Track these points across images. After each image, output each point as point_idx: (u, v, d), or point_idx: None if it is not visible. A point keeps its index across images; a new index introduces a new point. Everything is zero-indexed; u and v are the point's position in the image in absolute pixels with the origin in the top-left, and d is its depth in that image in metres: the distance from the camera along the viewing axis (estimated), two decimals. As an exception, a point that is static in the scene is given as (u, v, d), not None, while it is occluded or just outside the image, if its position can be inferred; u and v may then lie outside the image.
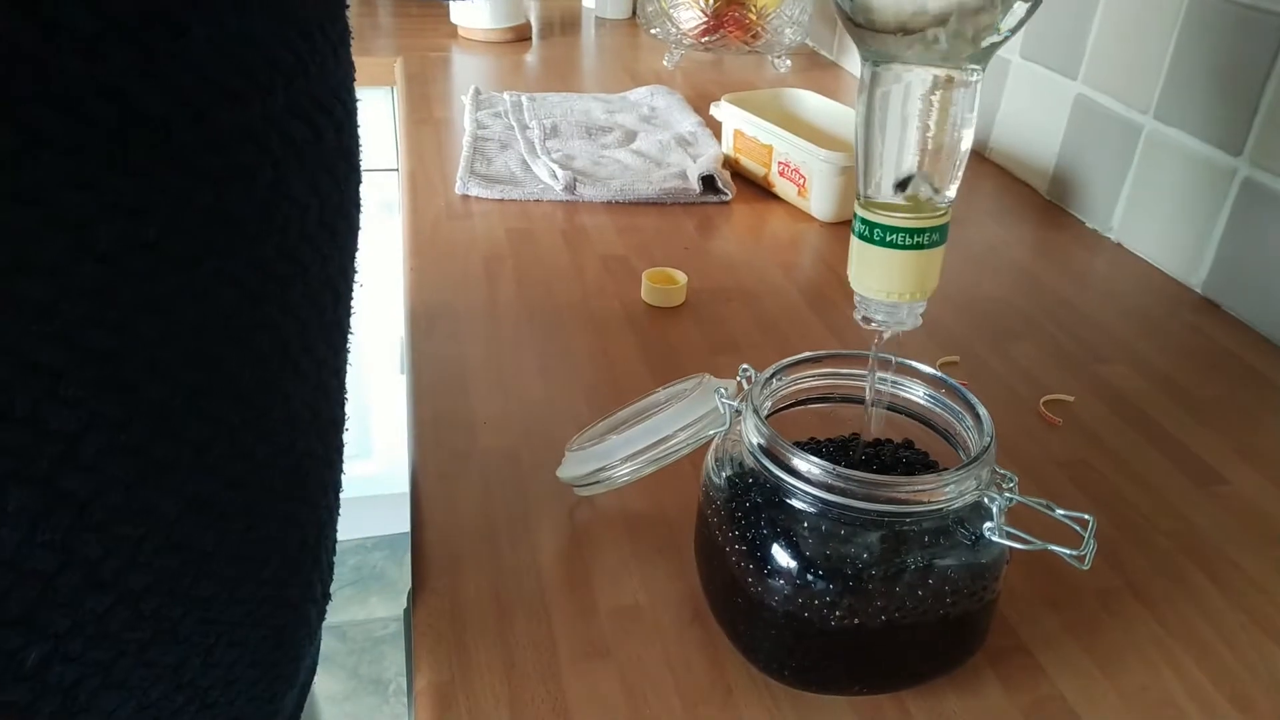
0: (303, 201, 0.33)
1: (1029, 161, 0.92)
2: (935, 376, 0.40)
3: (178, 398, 0.29)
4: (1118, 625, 0.43)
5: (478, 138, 0.92)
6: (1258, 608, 0.44)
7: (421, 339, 0.61)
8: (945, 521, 0.36)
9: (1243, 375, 0.63)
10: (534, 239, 0.75)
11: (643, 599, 0.43)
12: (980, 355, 0.64)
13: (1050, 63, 0.88)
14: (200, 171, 0.28)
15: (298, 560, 0.37)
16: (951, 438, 0.40)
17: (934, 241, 0.35)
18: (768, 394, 0.40)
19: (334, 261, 0.36)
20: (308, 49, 0.32)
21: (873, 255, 0.36)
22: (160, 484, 0.30)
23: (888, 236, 0.35)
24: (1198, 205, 0.73)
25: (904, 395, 0.41)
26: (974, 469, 0.35)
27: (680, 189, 0.83)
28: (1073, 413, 0.58)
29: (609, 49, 1.37)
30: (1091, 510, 0.50)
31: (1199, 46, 0.72)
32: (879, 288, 0.36)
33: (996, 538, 0.35)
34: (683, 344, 0.62)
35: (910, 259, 0.35)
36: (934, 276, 0.36)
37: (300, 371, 0.35)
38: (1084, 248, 0.81)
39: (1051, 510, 0.36)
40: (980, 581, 0.36)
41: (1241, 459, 0.55)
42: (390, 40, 1.31)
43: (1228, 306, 0.71)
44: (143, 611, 0.31)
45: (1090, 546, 0.35)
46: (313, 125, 0.33)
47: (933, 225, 0.35)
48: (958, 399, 0.39)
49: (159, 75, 0.26)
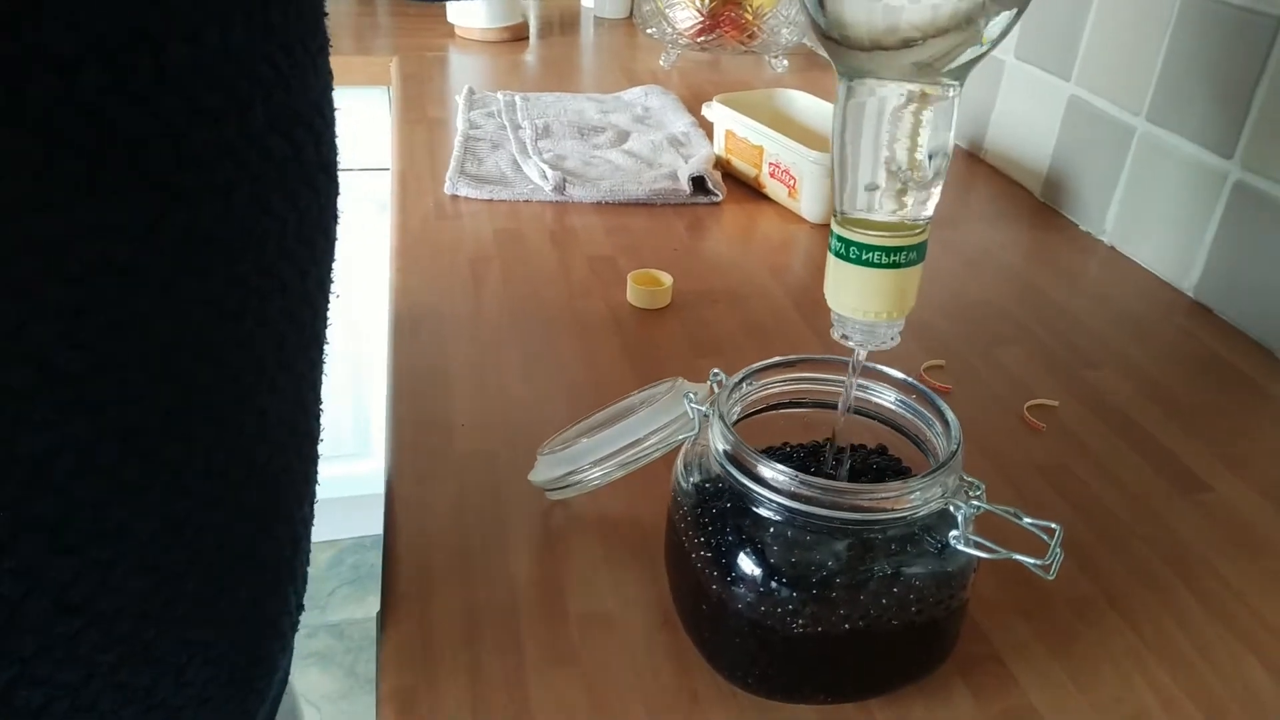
0: (282, 217, 0.32)
1: (1023, 163, 0.92)
2: (905, 381, 0.40)
3: (151, 418, 0.29)
4: (1092, 635, 0.42)
5: (469, 137, 0.92)
6: (1236, 619, 0.44)
7: (404, 340, 0.61)
8: (911, 529, 0.35)
9: (1232, 381, 0.63)
10: (521, 240, 0.75)
11: (613, 605, 0.42)
12: (967, 359, 0.63)
13: (1044, 63, 0.88)
14: (176, 191, 0.28)
15: (273, 576, 0.37)
16: (922, 444, 0.39)
17: (911, 260, 0.35)
18: (737, 399, 0.40)
19: (312, 276, 0.36)
20: (288, 63, 0.32)
21: (849, 273, 0.35)
22: (132, 505, 0.29)
23: (864, 255, 0.34)
24: (1190, 208, 0.72)
25: (875, 400, 0.41)
26: (939, 477, 0.35)
27: (670, 190, 0.83)
28: (1057, 418, 0.58)
29: (606, 48, 1.37)
30: (1070, 517, 0.49)
31: (1191, 48, 0.71)
32: (855, 306, 0.35)
33: (962, 546, 0.35)
34: (667, 346, 0.62)
35: (887, 278, 0.35)
36: (912, 295, 0.36)
37: (277, 388, 0.34)
38: (1077, 251, 0.80)
39: (1019, 519, 0.36)
40: (947, 590, 0.36)
41: (1227, 466, 0.54)
42: (388, 39, 1.31)
43: (1219, 311, 0.70)
44: (113, 633, 0.31)
45: (1056, 556, 0.34)
46: (292, 140, 0.32)
47: (910, 244, 0.34)
48: (927, 404, 0.39)
49: (136, 95, 0.26)
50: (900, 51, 0.31)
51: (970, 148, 1.00)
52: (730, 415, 0.39)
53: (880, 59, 0.31)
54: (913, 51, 0.31)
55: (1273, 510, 0.51)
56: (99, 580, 0.29)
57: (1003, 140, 0.95)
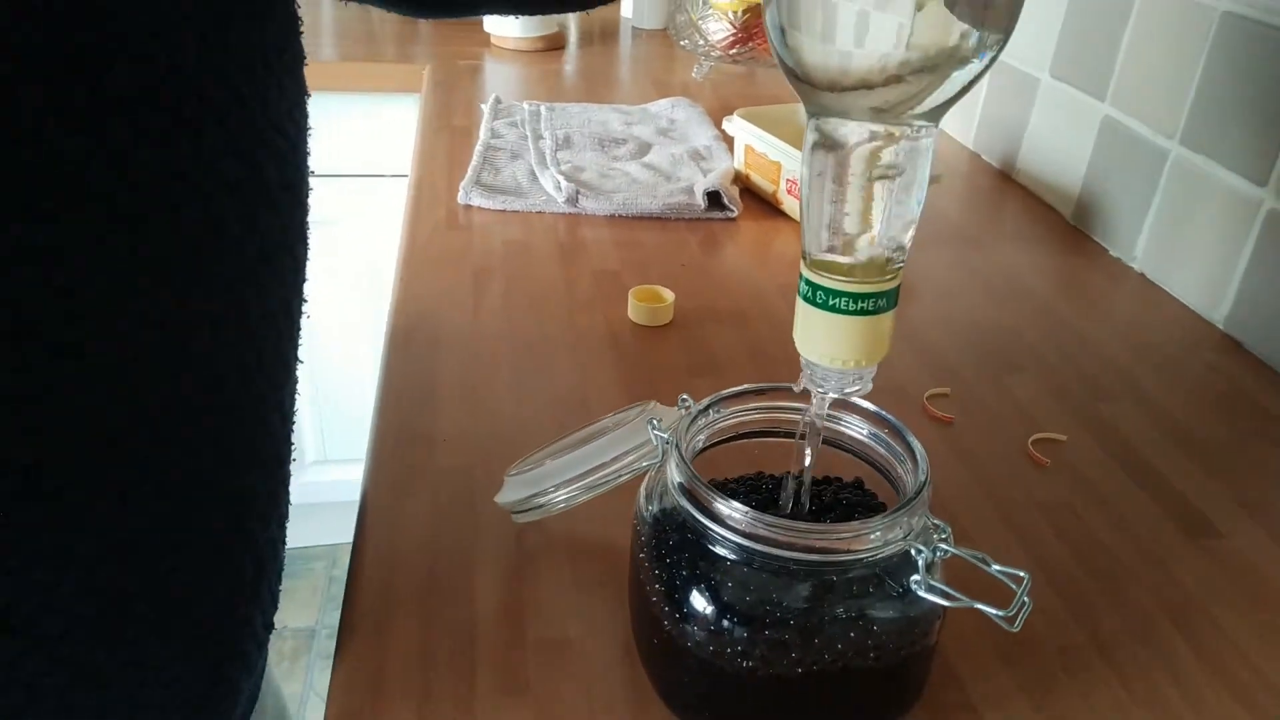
0: (238, 239, 0.32)
1: (1055, 184, 0.89)
2: (876, 414, 0.38)
3: (95, 441, 0.29)
4: (1076, 686, 0.40)
5: (490, 147, 0.92)
6: (1234, 675, 0.41)
7: (398, 351, 0.60)
8: (871, 571, 0.34)
9: (1257, 419, 0.60)
10: (529, 252, 0.75)
11: (574, 632, 0.41)
12: (975, 388, 0.61)
13: (1078, 82, 0.85)
14: (119, 214, 0.27)
15: (235, 599, 0.36)
16: (893, 480, 0.38)
17: (881, 307, 0.33)
18: (703, 426, 0.39)
19: (275, 297, 0.35)
20: (247, 83, 0.31)
21: (817, 319, 0.33)
22: (77, 528, 0.29)
23: (831, 300, 0.33)
24: (1222, 237, 0.69)
25: (848, 432, 0.39)
26: (901, 517, 0.33)
27: (685, 204, 0.82)
28: (1064, 453, 0.55)
29: (641, 59, 1.36)
30: (1068, 560, 0.47)
31: (1228, 69, 0.68)
32: (823, 353, 0.34)
33: (922, 592, 0.33)
34: (663, 365, 0.61)
35: (856, 325, 0.33)
36: (883, 343, 0.34)
37: (237, 410, 0.34)
38: (1105, 277, 0.77)
39: (987, 565, 0.34)
40: (909, 636, 0.34)
41: (1242, 510, 0.51)
42: (425, 48, 1.32)
43: (1249, 345, 0.67)
44: (58, 656, 0.30)
45: (1023, 607, 0.32)
46: (249, 161, 0.32)
47: (880, 290, 0.33)
48: (897, 438, 0.37)
49: (77, 117, 0.25)
50: (860, 94, 0.30)
51: (1002, 167, 0.98)
52: (694, 445, 0.38)
53: (844, 100, 0.30)
54: (872, 95, 0.29)
55: (1288, 560, 0.48)
56: (41, 603, 0.29)
57: (1035, 160, 0.92)
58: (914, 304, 0.71)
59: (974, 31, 0.28)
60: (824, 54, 0.29)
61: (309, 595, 1.59)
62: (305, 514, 1.47)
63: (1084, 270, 0.78)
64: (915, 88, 0.29)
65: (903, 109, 0.30)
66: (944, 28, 0.28)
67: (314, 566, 1.64)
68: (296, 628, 1.53)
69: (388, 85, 1.24)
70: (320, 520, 1.51)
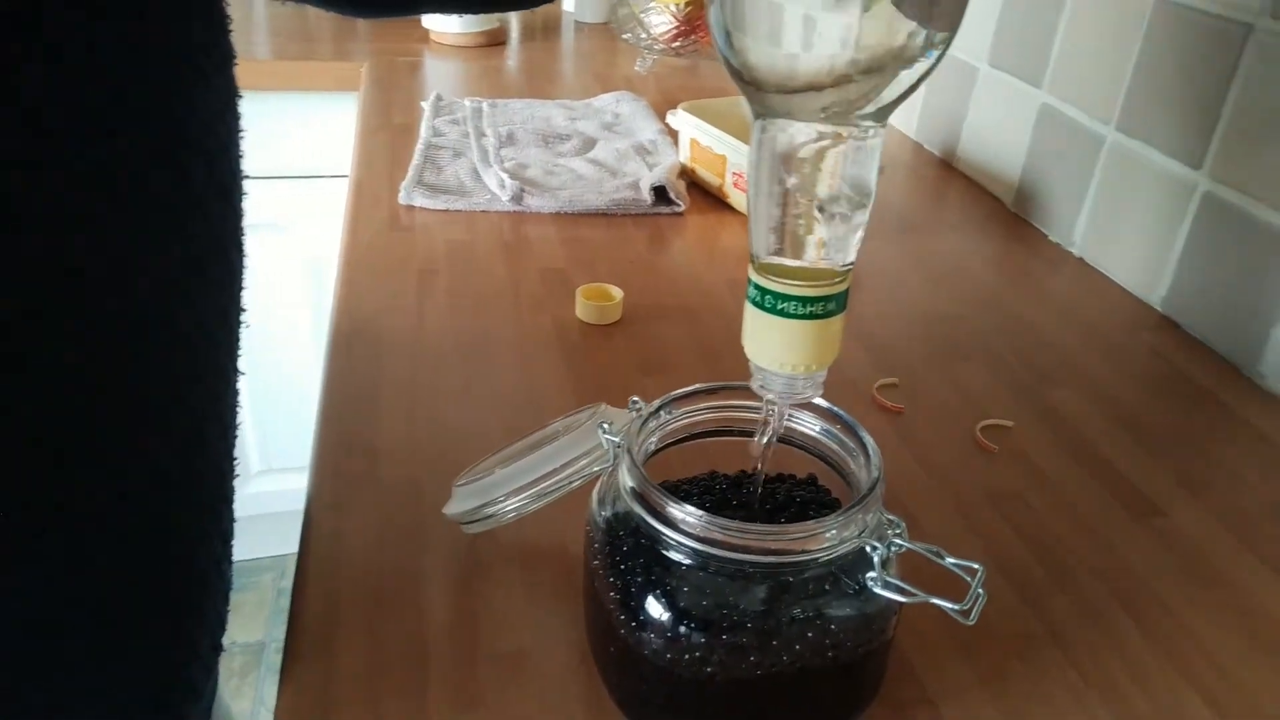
0: (164, 247, 0.31)
1: (995, 172, 0.90)
2: (829, 411, 0.38)
3: (13, 462, 0.27)
4: (1030, 674, 0.41)
5: (431, 145, 0.90)
6: (1182, 654, 0.42)
7: (340, 357, 0.59)
8: (827, 570, 0.33)
9: (1196, 399, 0.61)
10: (473, 252, 0.73)
11: (529, 644, 0.40)
12: (923, 377, 0.61)
13: (1016, 70, 0.86)
14: (28, 224, 0.26)
15: (175, 621, 0.35)
16: (845, 475, 0.38)
17: (830, 311, 0.32)
18: (655, 429, 0.38)
19: (210, 306, 0.34)
20: (170, 81, 0.30)
21: (765, 323, 0.33)
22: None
23: (779, 304, 0.32)
24: (1159, 220, 0.70)
25: (799, 429, 0.39)
26: (855, 515, 0.33)
27: (631, 200, 0.81)
28: (1012, 439, 0.56)
29: (584, 54, 1.35)
30: (1018, 547, 0.47)
31: (1162, 55, 0.69)
32: (773, 358, 0.33)
33: (879, 589, 0.33)
34: (613, 365, 0.60)
35: (805, 329, 0.32)
36: (833, 347, 0.34)
37: (166, 425, 0.32)
38: (1045, 263, 0.78)
39: (941, 558, 0.34)
40: (866, 633, 0.34)
41: (1185, 490, 0.52)
42: (363, 45, 1.29)
43: (1187, 325, 0.68)
44: None
45: (977, 599, 0.32)
46: (174, 164, 0.30)
47: (829, 294, 0.32)
48: (850, 434, 0.37)
49: None
50: (807, 95, 0.29)
51: (944, 155, 0.99)
52: (646, 447, 0.37)
53: (791, 101, 0.30)
54: (820, 96, 0.29)
55: (1229, 537, 0.49)
56: None
57: (975, 148, 0.93)
58: (861, 295, 0.71)
59: (921, 30, 0.28)
60: (771, 57, 0.29)
61: (256, 609, 1.55)
62: (251, 525, 1.44)
63: (1026, 256, 0.79)
64: (863, 88, 0.29)
65: (850, 109, 0.29)
66: (891, 28, 0.28)
67: (262, 579, 1.60)
68: (245, 643, 1.49)
69: (325, 84, 1.21)
70: (267, 531, 1.48)
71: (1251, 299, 0.62)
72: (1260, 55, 0.61)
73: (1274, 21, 0.60)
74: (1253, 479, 0.54)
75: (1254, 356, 0.62)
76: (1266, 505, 0.52)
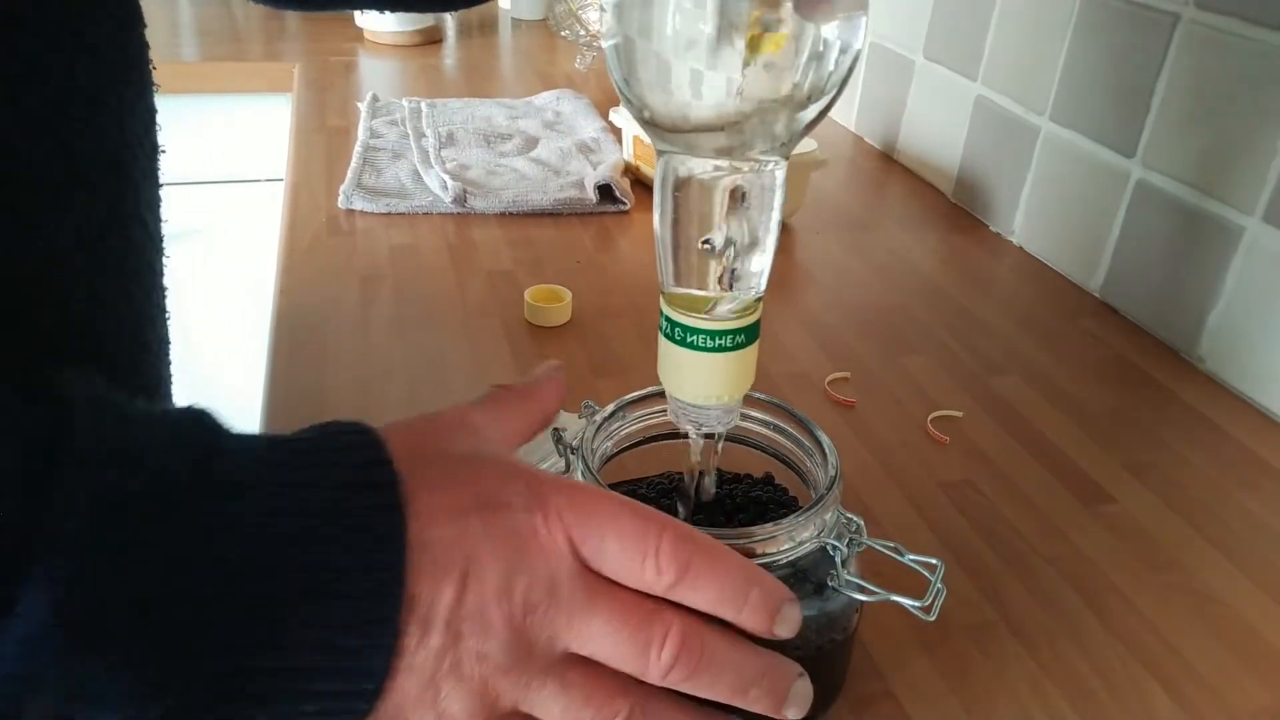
0: (44, 223, 0.29)
1: (935, 164, 0.91)
2: (785, 409, 0.38)
3: None
4: (990, 664, 0.41)
5: (369, 147, 0.89)
6: (1137, 638, 0.43)
7: (282, 367, 0.57)
8: (788, 570, 0.33)
9: (1137, 383, 0.62)
10: (418, 256, 0.72)
11: (488, 655, 0.40)
12: (873, 370, 0.62)
13: (951, 63, 0.87)
14: None
15: None
16: (802, 474, 0.37)
17: (740, 344, 0.32)
18: (609, 434, 0.37)
19: (108, 283, 0.32)
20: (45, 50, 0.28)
21: (676, 355, 0.33)
22: None
23: (689, 337, 0.32)
24: (1094, 208, 0.72)
25: (753, 429, 0.38)
26: (814, 516, 0.33)
27: (576, 199, 0.81)
28: (961, 429, 0.56)
29: (523, 51, 1.34)
30: (972, 538, 0.48)
31: (1092, 46, 0.71)
32: (686, 390, 0.33)
33: (840, 588, 0.33)
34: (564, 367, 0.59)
35: (716, 362, 0.32)
36: (745, 378, 0.34)
37: None
38: (987, 252, 0.79)
39: (901, 555, 0.34)
40: (826, 633, 0.34)
41: (1132, 475, 0.53)
42: (294, 44, 1.26)
43: (1125, 311, 0.70)
44: None
45: (937, 594, 0.33)
46: (54, 137, 0.29)
47: (738, 327, 0.32)
48: (806, 434, 0.37)
49: None
50: (704, 135, 0.29)
51: (884, 148, 1.00)
52: (600, 452, 0.37)
53: (689, 139, 0.30)
54: (714, 137, 0.29)
55: (1176, 521, 0.50)
56: None
57: (915, 141, 0.94)
58: (810, 289, 0.72)
59: (806, 79, 0.28)
60: (664, 103, 0.29)
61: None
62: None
63: (967, 247, 0.80)
64: (756, 131, 0.29)
65: (746, 147, 0.30)
66: (774, 81, 0.28)
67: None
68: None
69: (256, 85, 1.18)
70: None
71: (1187, 283, 0.64)
72: (1188, 44, 0.62)
73: (1200, 11, 0.61)
74: (1196, 461, 0.55)
75: (1192, 340, 0.64)
76: (1210, 486, 0.53)
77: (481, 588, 0.27)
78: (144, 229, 0.34)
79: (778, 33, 0.28)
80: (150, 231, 0.35)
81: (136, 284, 0.34)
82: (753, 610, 0.29)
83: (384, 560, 0.26)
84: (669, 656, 0.28)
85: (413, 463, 0.28)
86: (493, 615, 0.27)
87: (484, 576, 0.27)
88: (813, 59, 0.28)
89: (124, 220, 0.33)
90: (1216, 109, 0.61)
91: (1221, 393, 0.61)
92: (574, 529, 0.28)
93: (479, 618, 0.27)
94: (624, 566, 0.28)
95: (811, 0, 0.28)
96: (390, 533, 0.26)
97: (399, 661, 0.26)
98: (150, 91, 0.35)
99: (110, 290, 0.32)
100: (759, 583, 0.30)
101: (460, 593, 0.27)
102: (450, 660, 0.26)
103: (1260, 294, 0.59)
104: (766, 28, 0.27)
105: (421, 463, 0.28)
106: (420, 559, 0.26)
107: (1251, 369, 0.60)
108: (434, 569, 0.26)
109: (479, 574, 0.27)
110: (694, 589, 0.29)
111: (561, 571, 0.28)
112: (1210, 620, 0.44)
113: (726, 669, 0.29)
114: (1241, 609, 0.44)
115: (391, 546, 0.26)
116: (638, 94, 0.30)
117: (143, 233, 0.34)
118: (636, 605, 0.29)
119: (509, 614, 0.27)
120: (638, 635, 0.28)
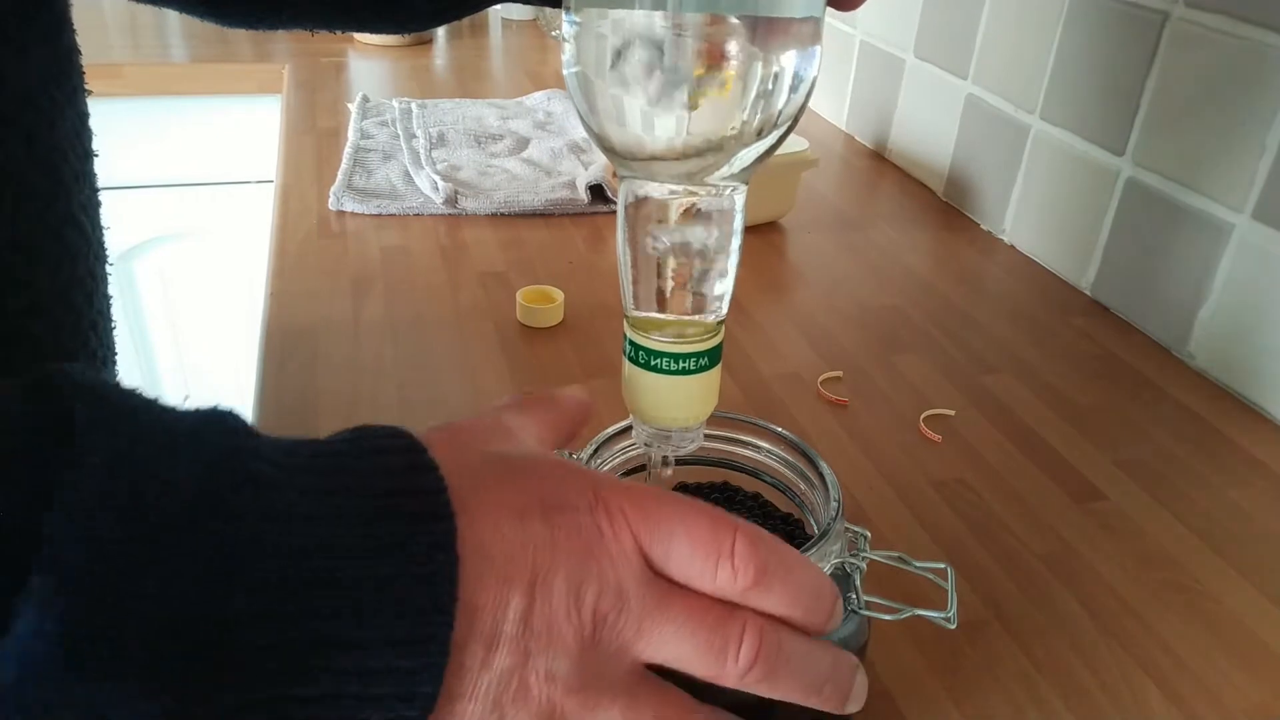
0: None
1: (926, 162, 0.91)
2: (778, 434, 0.38)
3: None
4: (982, 662, 0.41)
5: (360, 149, 0.88)
6: (1131, 636, 0.43)
7: (273, 370, 0.57)
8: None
9: (1127, 381, 0.62)
10: (409, 257, 0.72)
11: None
12: (865, 369, 0.62)
13: (942, 62, 0.87)
14: None
15: None
16: (796, 496, 0.37)
17: (702, 366, 0.33)
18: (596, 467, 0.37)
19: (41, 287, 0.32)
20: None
21: (639, 379, 0.33)
22: None
23: (652, 360, 0.32)
24: (1085, 206, 0.72)
25: (741, 452, 0.38)
26: (823, 545, 0.32)
27: (568, 199, 0.80)
28: (954, 428, 0.56)
29: (513, 51, 1.33)
30: (966, 536, 0.48)
31: (1081, 44, 0.71)
32: (648, 413, 0.34)
33: (862, 610, 0.33)
34: (556, 369, 0.59)
35: (678, 385, 0.33)
36: (708, 400, 0.34)
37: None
38: (978, 251, 0.80)
39: (908, 564, 0.34)
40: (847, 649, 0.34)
41: (1122, 472, 0.54)
42: (284, 45, 1.26)
43: (1116, 309, 0.70)
44: None
45: (955, 602, 0.33)
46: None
47: (700, 350, 0.32)
48: (804, 461, 0.37)
49: None
50: (661, 163, 0.30)
51: (875, 147, 1.00)
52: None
53: (648, 166, 0.30)
54: (669, 165, 0.30)
55: (1166, 516, 0.50)
56: None
57: (906, 139, 0.94)
58: (801, 288, 0.72)
59: (755, 116, 0.29)
60: (621, 134, 0.30)
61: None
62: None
63: (958, 245, 0.80)
64: (709, 161, 0.30)
65: (703, 175, 0.30)
66: (722, 119, 0.29)
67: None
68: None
69: (246, 87, 1.18)
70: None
71: (1178, 281, 0.64)
72: (1177, 42, 0.63)
73: (1189, 9, 0.61)
74: (1186, 457, 0.55)
75: (1182, 337, 0.64)
76: (1200, 483, 0.53)
77: (550, 597, 0.24)
78: (79, 232, 0.34)
79: (724, 71, 0.28)
80: (88, 236, 0.34)
81: (77, 290, 0.34)
82: (817, 609, 0.28)
83: (433, 571, 0.23)
84: (748, 657, 0.27)
85: (460, 464, 0.25)
86: (564, 629, 0.24)
87: (553, 585, 0.24)
88: (761, 96, 0.29)
89: (56, 223, 0.32)
90: (1206, 106, 0.61)
91: (1212, 389, 0.62)
92: (640, 530, 0.26)
93: (549, 633, 0.24)
94: (695, 569, 0.27)
95: (766, 31, 0.28)
96: (443, 538, 0.23)
97: (458, 685, 0.23)
98: (82, 95, 0.35)
99: (46, 297, 0.32)
100: (823, 580, 0.29)
101: (529, 603, 0.24)
102: (518, 681, 0.24)
103: (1249, 291, 0.59)
104: (711, 69, 0.28)
105: (469, 465, 0.26)
106: (481, 565, 0.24)
107: (1241, 365, 0.60)
108: (498, 577, 0.24)
109: (547, 582, 0.24)
110: (769, 590, 0.27)
111: (629, 576, 0.26)
112: (1202, 616, 0.44)
113: (803, 668, 0.28)
114: (1232, 604, 0.45)
115: (444, 552, 0.23)
116: (597, 124, 0.30)
117: (78, 236, 0.33)
118: (709, 606, 0.27)
119: (579, 627, 0.25)
120: (714, 637, 0.27)
